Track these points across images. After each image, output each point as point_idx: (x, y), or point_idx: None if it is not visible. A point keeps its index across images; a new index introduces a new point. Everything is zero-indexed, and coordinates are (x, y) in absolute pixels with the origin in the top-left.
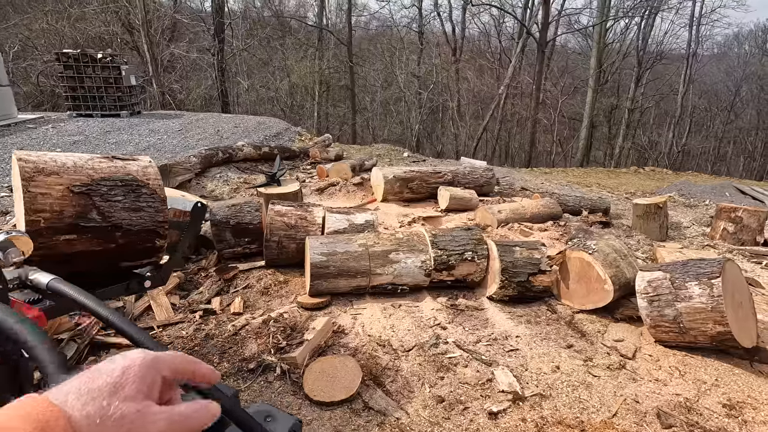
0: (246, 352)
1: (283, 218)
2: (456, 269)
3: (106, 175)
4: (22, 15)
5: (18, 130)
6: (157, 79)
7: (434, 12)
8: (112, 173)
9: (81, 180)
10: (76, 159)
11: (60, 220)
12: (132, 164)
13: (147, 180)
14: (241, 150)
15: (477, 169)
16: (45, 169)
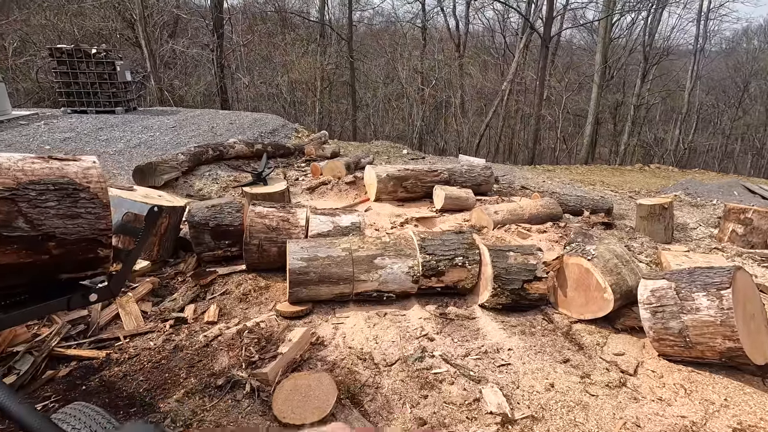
0: (216, 367)
1: (264, 220)
2: (446, 275)
3: (36, 177)
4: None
5: (9, 126)
6: (155, 75)
7: (438, 7)
8: (44, 176)
9: (5, 183)
10: (3, 159)
11: None
12: (71, 165)
13: (87, 183)
14: (232, 147)
15: (475, 167)
16: None
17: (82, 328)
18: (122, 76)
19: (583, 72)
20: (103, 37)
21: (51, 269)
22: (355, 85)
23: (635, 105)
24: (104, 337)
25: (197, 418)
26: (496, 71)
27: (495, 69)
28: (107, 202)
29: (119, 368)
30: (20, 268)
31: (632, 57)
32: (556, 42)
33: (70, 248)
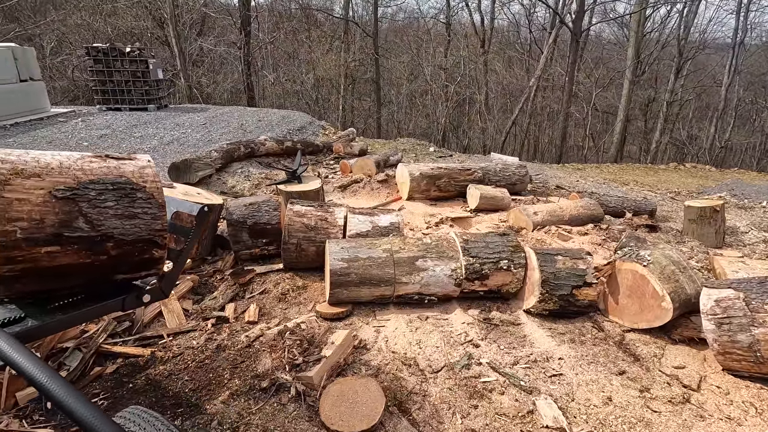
0: (259, 368)
1: (303, 219)
2: (490, 279)
3: (96, 177)
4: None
5: (49, 123)
6: (184, 73)
7: (462, 2)
8: (103, 175)
9: (66, 183)
10: (63, 159)
11: (40, 229)
12: (128, 164)
13: (144, 183)
14: (263, 144)
15: (509, 166)
16: (24, 170)
17: (127, 326)
18: (154, 74)
19: (613, 67)
20: (135, 36)
21: (108, 270)
22: (379, 82)
23: (668, 101)
24: (148, 335)
25: (243, 421)
26: (521, 67)
27: (520, 65)
28: (162, 202)
29: (164, 367)
30: (79, 269)
31: (665, 51)
32: (585, 36)
33: (127, 249)
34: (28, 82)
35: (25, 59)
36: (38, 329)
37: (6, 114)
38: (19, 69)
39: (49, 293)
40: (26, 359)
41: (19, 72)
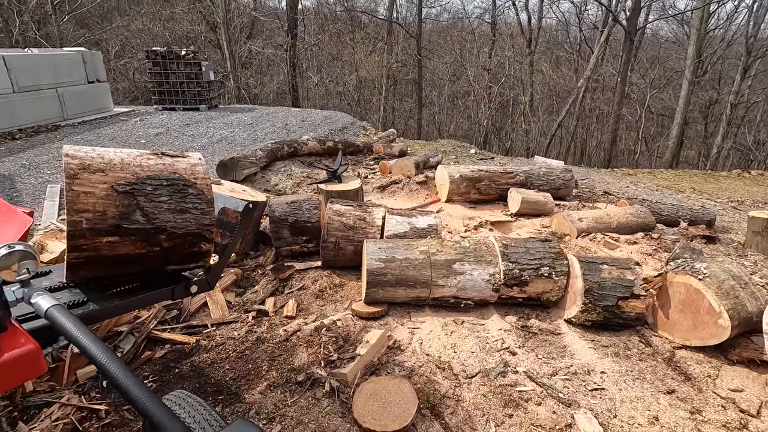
0: (296, 362)
1: (341, 218)
2: (529, 286)
3: (152, 173)
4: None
5: (111, 122)
6: (234, 75)
7: (509, 1)
8: (158, 171)
9: (126, 178)
10: (125, 155)
11: (103, 221)
12: (181, 162)
13: (195, 179)
14: (305, 144)
15: (553, 169)
16: (91, 165)
17: (175, 314)
18: (206, 76)
19: (671, 67)
20: (190, 39)
21: (160, 261)
22: (421, 83)
23: (733, 103)
24: (194, 324)
25: (279, 412)
26: (569, 67)
27: (568, 65)
28: (211, 198)
29: (207, 355)
30: (135, 259)
31: (731, 50)
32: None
33: (178, 241)
34: (95, 83)
35: (93, 62)
36: (99, 312)
37: (75, 113)
38: (88, 71)
39: (109, 280)
40: (89, 339)
41: (87, 74)
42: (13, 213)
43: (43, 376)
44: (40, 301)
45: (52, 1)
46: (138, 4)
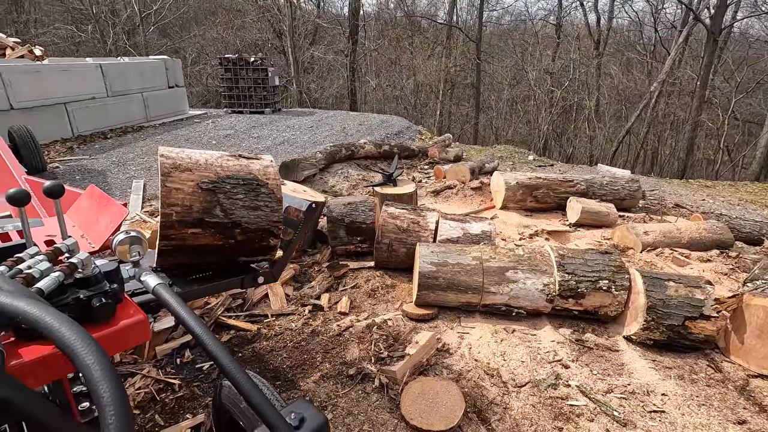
0: (347, 356)
1: (396, 221)
2: (586, 298)
3: (231, 173)
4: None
5: (187, 124)
6: (297, 79)
7: (576, 2)
8: (236, 171)
9: (209, 177)
10: (208, 156)
11: (189, 214)
12: (255, 163)
13: (266, 179)
14: (362, 147)
15: (618, 179)
16: (181, 165)
17: (239, 303)
18: (272, 81)
19: (761, 69)
20: (258, 46)
21: (234, 252)
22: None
23: None
24: (256, 313)
25: (331, 402)
26: (641, 70)
27: (640, 68)
28: (280, 197)
29: (267, 343)
30: (213, 249)
31: None
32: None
33: (250, 236)
34: (174, 88)
35: (173, 69)
36: (182, 295)
37: (156, 115)
38: (168, 77)
39: (190, 267)
40: (186, 312)
41: (168, 80)
42: (111, 203)
43: (128, 351)
44: (149, 279)
45: (141, 14)
46: (213, 14)
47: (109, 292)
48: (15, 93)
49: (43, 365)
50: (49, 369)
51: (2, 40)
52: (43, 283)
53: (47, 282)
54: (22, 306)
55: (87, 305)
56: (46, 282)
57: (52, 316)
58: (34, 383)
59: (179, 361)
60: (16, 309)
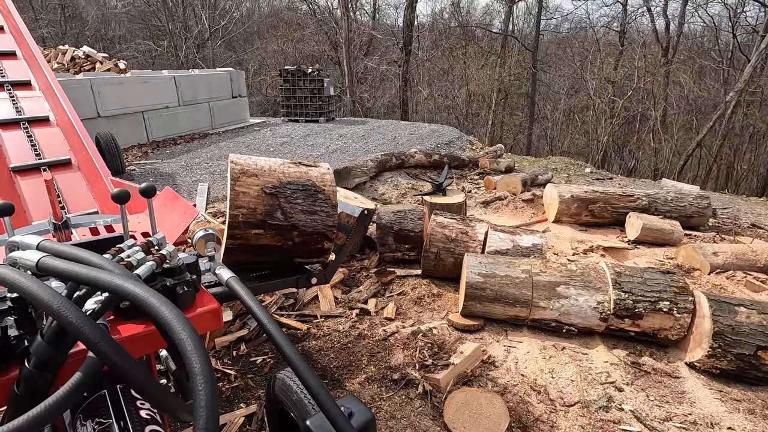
0: (392, 361)
1: (444, 230)
2: (644, 319)
3: (291, 179)
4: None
5: (247, 131)
6: (351, 90)
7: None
8: (296, 178)
9: (272, 182)
10: (271, 163)
11: (253, 216)
12: (313, 170)
13: (323, 186)
14: (412, 156)
15: (685, 195)
16: (248, 171)
17: (291, 302)
18: (327, 91)
19: None
20: (315, 57)
21: (291, 254)
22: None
23: None
24: (306, 313)
25: (375, 404)
26: (716, 78)
27: (715, 76)
28: (336, 203)
29: (316, 342)
30: (273, 250)
31: None
32: None
33: (306, 239)
34: (237, 98)
35: (237, 80)
36: None
37: (221, 123)
38: (233, 88)
39: (251, 265)
40: (256, 304)
41: (232, 90)
42: (183, 204)
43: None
44: (222, 272)
45: (210, 29)
46: (274, 28)
47: (191, 281)
48: (102, 102)
49: (138, 341)
50: (142, 345)
51: (93, 55)
52: (141, 270)
53: (143, 269)
54: (132, 287)
55: (172, 292)
56: (143, 269)
57: (155, 297)
58: None
59: (235, 353)
60: (127, 289)
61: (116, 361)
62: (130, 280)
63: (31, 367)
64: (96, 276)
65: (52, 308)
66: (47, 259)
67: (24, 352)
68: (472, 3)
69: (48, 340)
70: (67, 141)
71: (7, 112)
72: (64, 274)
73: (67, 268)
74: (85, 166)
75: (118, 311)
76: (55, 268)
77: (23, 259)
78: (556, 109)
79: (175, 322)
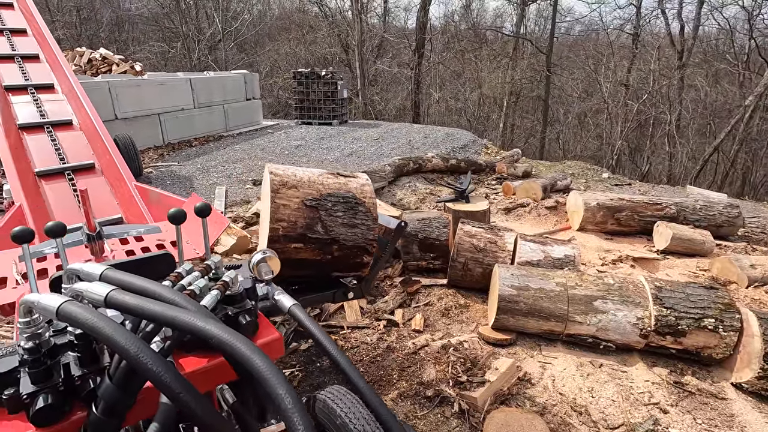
0: (424, 376)
1: (472, 240)
2: (687, 337)
3: (331, 190)
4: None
5: (261, 134)
6: (363, 92)
7: (657, 10)
8: (336, 189)
9: (312, 194)
10: (310, 174)
11: (293, 229)
12: (352, 181)
13: (363, 198)
14: (430, 161)
15: (714, 203)
16: (288, 182)
17: (317, 312)
18: (341, 94)
19: None
20: (327, 60)
21: (329, 268)
22: (548, 100)
23: None
24: (332, 324)
25: (410, 423)
26: (733, 82)
27: (732, 79)
28: (376, 216)
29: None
30: (312, 264)
31: None
32: None
33: (346, 252)
34: (251, 100)
35: (251, 82)
36: None
37: (235, 125)
38: (247, 90)
39: (288, 280)
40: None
41: (246, 92)
42: (213, 213)
43: None
44: (283, 299)
45: (223, 32)
46: (286, 30)
47: (252, 309)
48: (120, 104)
49: (203, 376)
50: (206, 380)
51: (110, 57)
52: (207, 301)
53: (209, 300)
54: (215, 330)
55: (235, 321)
56: (209, 300)
57: (245, 345)
58: None
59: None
60: (209, 332)
61: (195, 411)
62: (212, 321)
63: (100, 414)
64: (173, 316)
65: (130, 354)
66: (117, 294)
67: (89, 394)
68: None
69: (118, 383)
70: (90, 145)
71: (31, 116)
72: (137, 311)
73: (140, 306)
74: (108, 170)
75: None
76: (126, 305)
77: (90, 292)
78: (569, 112)
79: (272, 378)
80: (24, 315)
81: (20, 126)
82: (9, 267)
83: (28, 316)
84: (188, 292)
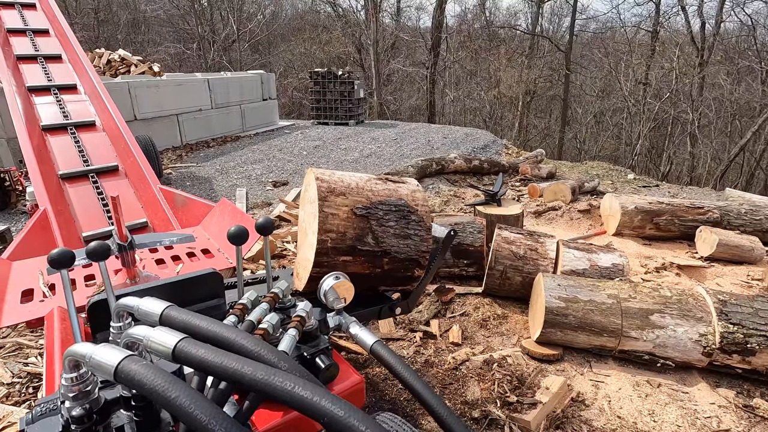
0: (468, 395)
1: (511, 246)
2: (757, 356)
3: (382, 198)
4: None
5: (278, 134)
6: (378, 92)
7: (677, 6)
8: (386, 196)
9: (362, 202)
10: (358, 179)
11: (342, 241)
12: (402, 188)
13: (416, 205)
14: (452, 162)
15: (760, 207)
16: (335, 189)
17: None
18: (357, 94)
19: None
20: (341, 60)
21: (377, 282)
22: (567, 100)
23: None
24: None
25: None
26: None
27: (757, 77)
28: (430, 225)
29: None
30: (360, 278)
31: None
32: None
33: (397, 265)
34: (267, 100)
35: (268, 83)
36: None
37: (251, 125)
38: (263, 90)
39: None
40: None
41: (262, 93)
42: (243, 218)
43: None
44: (363, 335)
45: (238, 33)
46: (301, 30)
47: (329, 349)
48: (139, 105)
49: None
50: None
51: (128, 58)
52: (286, 345)
53: (287, 344)
54: (329, 407)
55: (312, 364)
56: (287, 344)
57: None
58: None
59: None
60: (321, 410)
61: None
62: (318, 391)
63: None
64: (272, 385)
65: None
66: (188, 345)
67: None
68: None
69: None
70: (113, 146)
71: (54, 117)
72: (219, 373)
73: (224, 366)
74: (132, 172)
75: (241, 393)
76: (203, 363)
77: (155, 342)
78: (587, 111)
79: None
80: (70, 370)
81: (43, 127)
82: (35, 278)
83: (75, 371)
84: (261, 332)
